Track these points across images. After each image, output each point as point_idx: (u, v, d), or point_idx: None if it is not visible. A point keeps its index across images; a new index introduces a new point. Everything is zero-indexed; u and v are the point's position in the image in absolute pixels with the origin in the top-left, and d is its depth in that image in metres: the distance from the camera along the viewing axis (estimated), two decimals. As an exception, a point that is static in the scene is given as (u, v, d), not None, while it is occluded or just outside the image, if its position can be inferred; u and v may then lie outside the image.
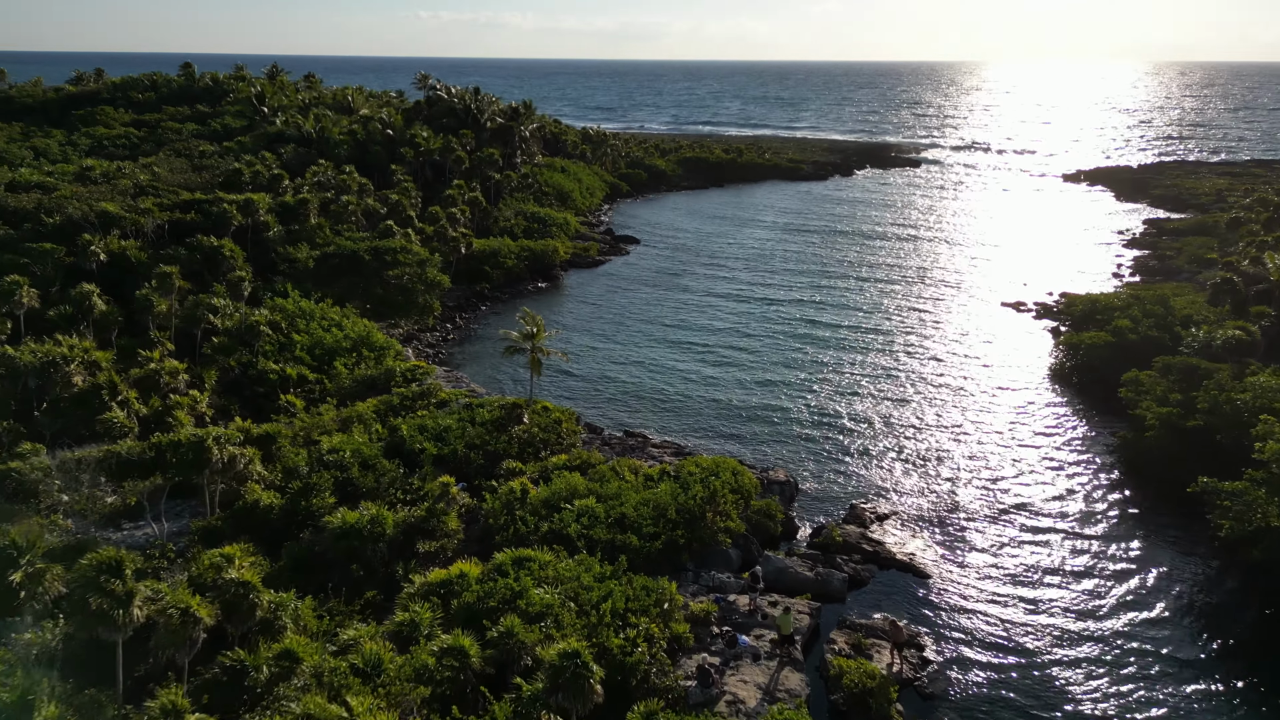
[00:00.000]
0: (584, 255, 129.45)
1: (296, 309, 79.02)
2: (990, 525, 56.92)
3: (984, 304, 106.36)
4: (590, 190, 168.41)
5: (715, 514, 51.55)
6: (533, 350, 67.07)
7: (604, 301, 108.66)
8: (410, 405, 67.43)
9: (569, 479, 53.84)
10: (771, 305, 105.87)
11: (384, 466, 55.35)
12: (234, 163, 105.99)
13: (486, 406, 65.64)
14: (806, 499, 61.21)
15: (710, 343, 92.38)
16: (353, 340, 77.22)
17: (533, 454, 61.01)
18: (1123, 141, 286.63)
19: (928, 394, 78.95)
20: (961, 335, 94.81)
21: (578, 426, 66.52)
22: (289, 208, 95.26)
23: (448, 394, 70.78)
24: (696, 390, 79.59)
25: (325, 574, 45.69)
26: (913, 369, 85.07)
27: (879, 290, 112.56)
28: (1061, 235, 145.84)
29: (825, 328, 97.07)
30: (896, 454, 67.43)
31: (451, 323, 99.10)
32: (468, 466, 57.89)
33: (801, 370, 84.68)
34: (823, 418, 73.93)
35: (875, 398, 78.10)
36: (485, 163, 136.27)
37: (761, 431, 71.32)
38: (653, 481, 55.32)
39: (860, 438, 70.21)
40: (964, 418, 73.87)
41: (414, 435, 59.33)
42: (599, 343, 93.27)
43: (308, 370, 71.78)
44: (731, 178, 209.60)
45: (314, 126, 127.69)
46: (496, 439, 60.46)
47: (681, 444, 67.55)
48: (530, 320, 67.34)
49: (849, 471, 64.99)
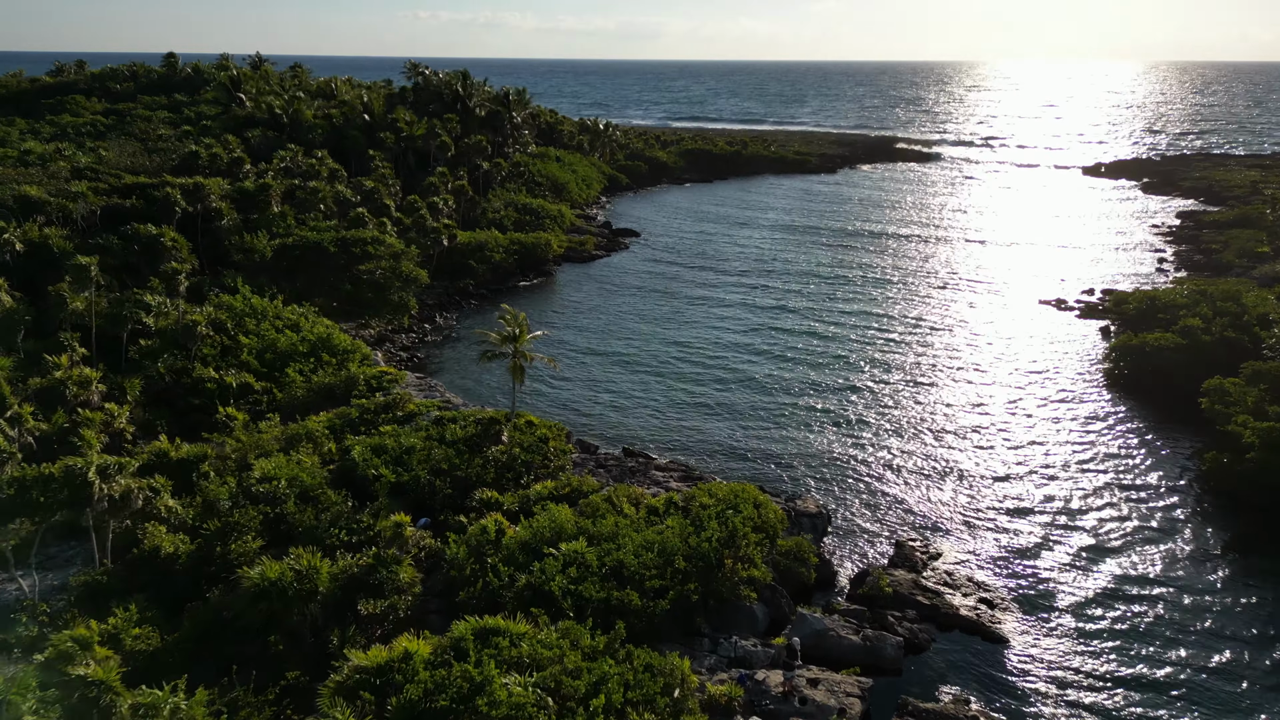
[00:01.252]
0: (579, 249, 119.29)
1: (246, 307, 68.81)
2: (1069, 571, 46.70)
3: (1021, 303, 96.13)
4: (587, 182, 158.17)
5: (736, 560, 41.37)
6: (514, 355, 56.90)
7: (600, 300, 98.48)
8: (372, 419, 57.31)
9: (555, 514, 43.66)
10: (785, 307, 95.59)
11: (328, 499, 45.17)
12: (191, 146, 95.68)
13: (460, 421, 55.47)
14: (841, 533, 51.05)
15: (718, 347, 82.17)
16: (310, 343, 67.02)
17: (513, 480, 50.82)
18: (1139, 136, 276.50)
19: (971, 404, 68.76)
20: (1002, 337, 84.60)
21: (568, 445, 56.35)
22: (248, 194, 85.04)
23: (417, 405, 60.61)
24: (705, 401, 69.40)
25: (238, 646, 35.56)
26: (951, 375, 74.88)
27: (904, 290, 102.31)
28: (1092, 229, 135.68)
29: (848, 331, 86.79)
30: (942, 476, 57.26)
31: (430, 322, 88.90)
32: (432, 497, 47.70)
33: (824, 378, 74.47)
34: (852, 433, 63.76)
35: (911, 409, 67.90)
36: (473, 150, 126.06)
37: (781, 450, 61.13)
38: (657, 517, 45.16)
39: (898, 457, 60.03)
40: (1015, 432, 63.69)
41: (368, 458, 49.13)
42: (594, 346, 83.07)
43: (253, 378, 61.56)
44: (736, 170, 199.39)
45: (285, 109, 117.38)
46: (469, 462, 50.24)
47: (690, 465, 57.37)
48: (512, 320, 57.17)
49: (888, 498, 54.81)
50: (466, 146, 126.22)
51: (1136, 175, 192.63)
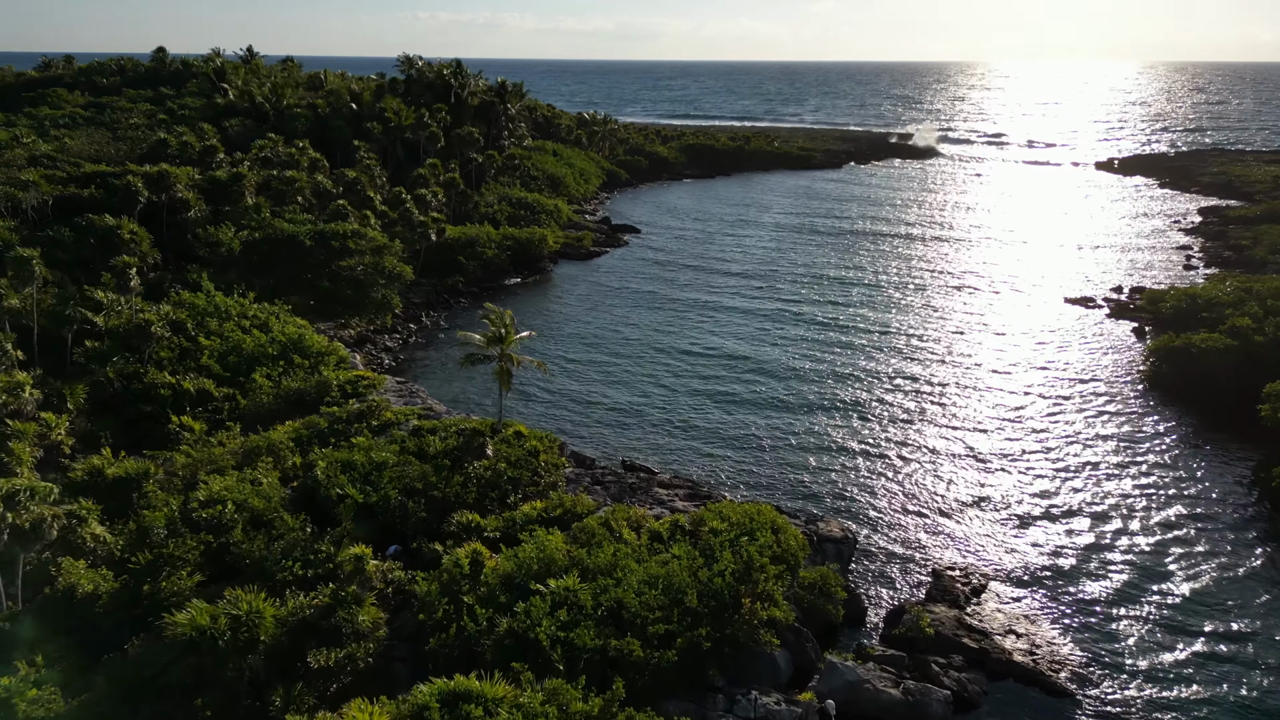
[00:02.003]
0: (577, 246, 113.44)
1: (209, 305, 62.99)
2: (1131, 605, 40.89)
3: (1045, 302, 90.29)
4: (585, 176, 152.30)
5: (754, 598, 35.55)
6: (500, 358, 51.07)
7: (598, 300, 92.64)
8: (343, 429, 51.51)
9: (544, 543, 37.84)
10: (794, 309, 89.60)
11: (284, 524, 39.33)
12: (160, 134, 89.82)
13: (440, 432, 49.66)
14: (867, 560, 45.25)
15: (723, 352, 76.31)
16: (280, 344, 61.17)
17: (497, 500, 45.00)
18: (1148, 132, 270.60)
19: (1001, 412, 62.96)
20: (1029, 339, 78.80)
21: (560, 458, 50.52)
22: (220, 185, 79.17)
23: (395, 414, 54.79)
24: (710, 410, 63.58)
25: (162, 706, 29.79)
26: (977, 381, 69.09)
27: (919, 290, 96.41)
28: (1111, 226, 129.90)
29: (862, 334, 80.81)
30: (975, 493, 51.46)
31: (416, 323, 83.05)
32: (404, 521, 41.87)
33: (838, 385, 68.68)
34: (872, 445, 57.93)
35: (935, 418, 62.10)
36: (465, 142, 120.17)
37: (795, 464, 55.32)
38: (662, 544, 39.37)
39: (924, 471, 54.23)
40: (1052, 444, 57.89)
41: (333, 476, 43.29)
42: (591, 349, 77.27)
43: (213, 384, 55.72)
44: (738, 166, 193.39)
45: (267, 98, 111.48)
46: (448, 480, 44.39)
47: (696, 481, 51.53)
48: (497, 319, 51.34)
49: (916, 518, 49.02)
50: (458, 138, 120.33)
51: (1151, 171, 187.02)
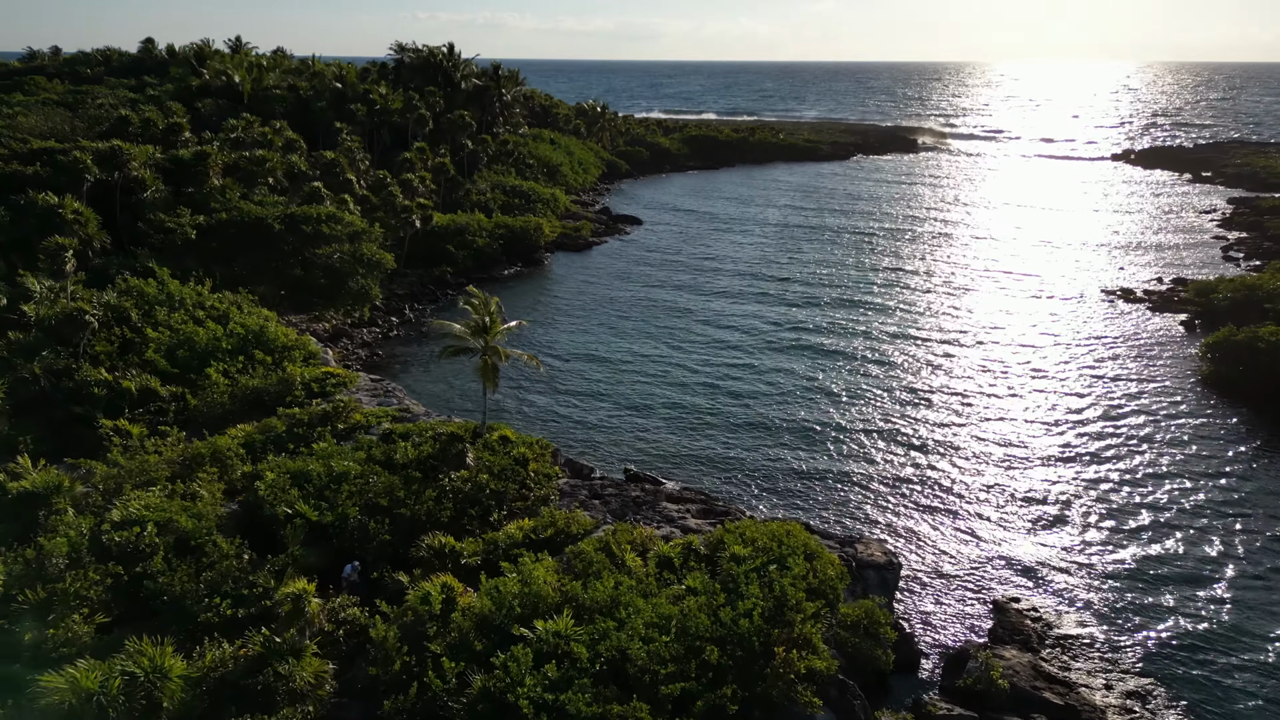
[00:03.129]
0: (575, 236, 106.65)
1: (160, 294, 56.11)
2: (1243, 650, 34.06)
3: (1081, 296, 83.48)
4: (584, 166, 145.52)
5: (789, 645, 28.75)
6: (485, 350, 44.20)
7: (597, 292, 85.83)
8: (303, 434, 44.75)
9: (531, 573, 31.03)
10: (809, 303, 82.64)
11: (216, 550, 32.49)
12: (122, 110, 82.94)
13: (414, 437, 42.87)
14: (914, 588, 38.47)
15: (735, 348, 69.50)
16: (238, 337, 54.32)
17: (478, 517, 38.15)
18: (1160, 127, 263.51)
19: (1049, 415, 56.13)
20: (1070, 335, 72.03)
21: (553, 468, 43.71)
22: (183, 165, 72.24)
23: (365, 415, 48.05)
24: (722, 412, 56.74)
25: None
26: (1018, 380, 62.29)
27: (945, 285, 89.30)
28: (1138, 218, 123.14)
29: (888, 334, 73.40)
30: (1034, 507, 44.67)
31: (398, 315, 76.24)
32: (364, 545, 35.01)
33: (864, 388, 61.90)
34: (904, 453, 51.12)
35: (977, 423, 55.30)
36: (456, 127, 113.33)
37: (821, 473, 48.54)
38: (673, 574, 32.59)
39: (967, 481, 47.44)
40: (1112, 450, 51.08)
41: (280, 491, 36.43)
42: (589, 344, 70.50)
43: (158, 381, 48.86)
44: (742, 158, 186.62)
45: (244, 78, 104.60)
46: (419, 495, 37.53)
47: (710, 495, 44.73)
48: (481, 305, 44.50)
49: (967, 537, 42.23)
50: (449, 123, 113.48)
51: (1171, 163, 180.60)
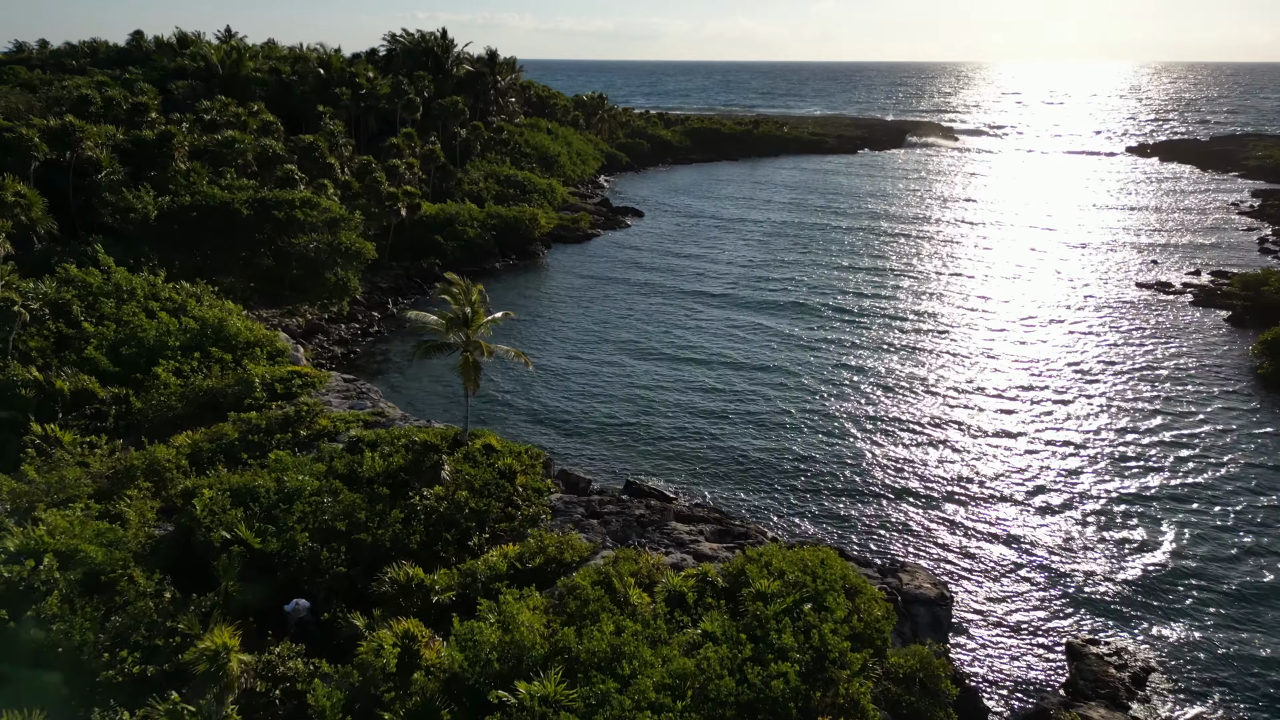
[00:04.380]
0: (572, 228, 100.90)
1: (106, 284, 50.33)
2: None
3: (1115, 291, 77.84)
4: (583, 157, 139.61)
5: (834, 714, 23.00)
6: (465, 346, 38.38)
7: (595, 286, 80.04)
8: (259, 442, 39.09)
9: (514, 615, 25.29)
10: (825, 303, 76.28)
11: (132, 588, 26.75)
12: (84, 89, 77.14)
13: (384, 446, 37.14)
14: (970, 626, 32.74)
15: (745, 347, 63.65)
16: (193, 333, 48.53)
17: (455, 542, 32.40)
18: (1172, 122, 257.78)
19: (1098, 422, 50.39)
20: (1109, 332, 66.35)
21: (545, 481, 37.91)
22: (146, 146, 66.55)
23: (332, 420, 42.35)
24: (733, 419, 50.98)
25: None
26: (1061, 383, 56.55)
27: (973, 282, 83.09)
28: (1164, 211, 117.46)
29: (912, 334, 67.24)
30: (1099, 530, 38.98)
31: (380, 310, 70.46)
32: (316, 577, 29.24)
33: (891, 390, 56.16)
34: (945, 464, 45.41)
35: (1022, 432, 49.57)
36: (448, 113, 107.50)
37: (848, 484, 42.81)
38: (687, 615, 26.87)
39: (1023, 499, 41.72)
40: (1176, 463, 45.41)
41: (219, 512, 30.67)
42: (587, 343, 64.73)
43: (97, 382, 43.10)
44: (746, 151, 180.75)
45: (223, 61, 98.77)
46: (384, 516, 31.77)
47: (725, 513, 38.99)
48: (461, 293, 38.69)
49: (1027, 565, 36.52)
50: (440, 109, 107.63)
51: (1189, 157, 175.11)
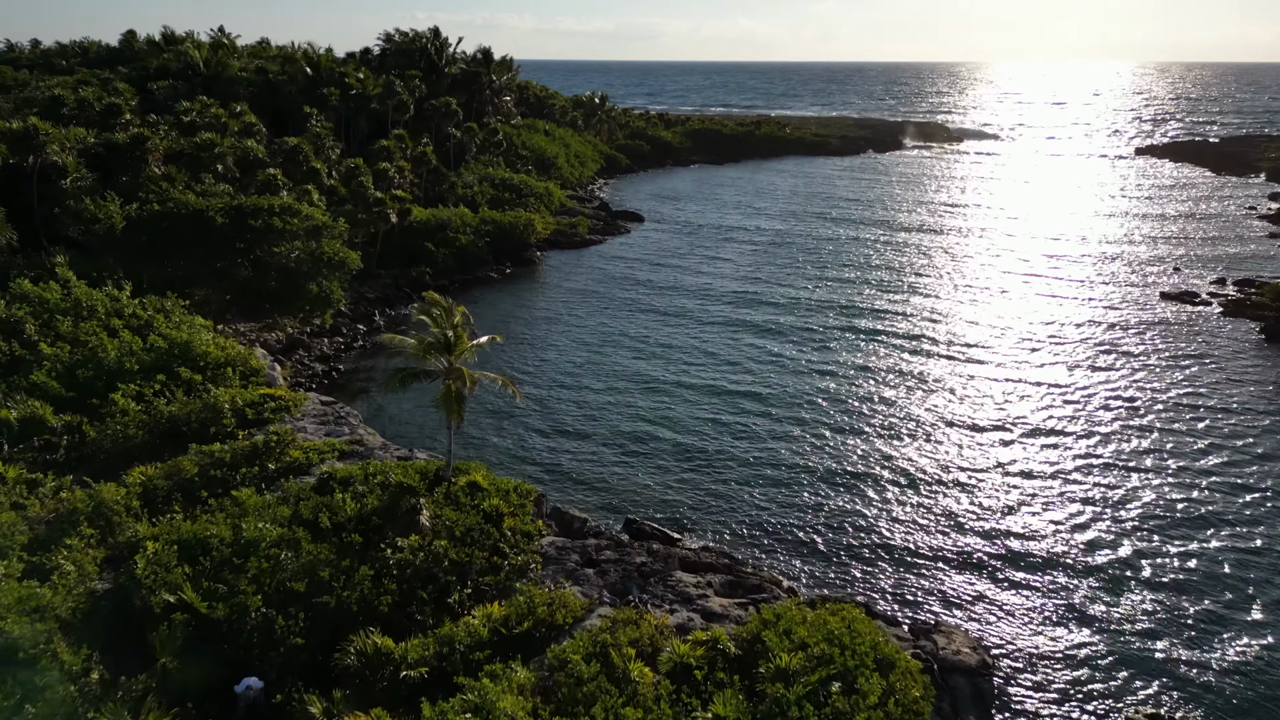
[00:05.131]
0: (570, 233, 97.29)
1: (65, 300, 46.65)
2: None
3: (1139, 302, 74.17)
4: (581, 159, 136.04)
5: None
6: (447, 375, 34.67)
7: (594, 297, 76.32)
8: (222, 477, 35.52)
9: (492, 706, 21.63)
10: (835, 315, 72.46)
11: (56, 666, 23.05)
12: (56, 90, 73.52)
13: (358, 484, 33.51)
14: (1014, 696, 29.00)
15: (751, 369, 59.88)
16: (159, 353, 44.85)
17: (433, 600, 28.71)
18: (1176, 122, 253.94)
19: (1142, 450, 46.71)
20: (1136, 345, 62.67)
21: (535, 523, 34.26)
22: (118, 149, 62.90)
23: (306, 450, 38.79)
24: (742, 445, 47.30)
25: None
26: (1094, 407, 52.83)
27: (988, 293, 79.42)
28: (1180, 215, 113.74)
29: (927, 345, 63.54)
30: (1149, 574, 35.29)
31: (366, 322, 66.84)
32: (269, 650, 25.54)
33: (910, 413, 52.46)
34: (977, 496, 41.71)
35: (1054, 459, 45.88)
36: (441, 114, 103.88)
37: (866, 523, 39.11)
38: (696, 696, 23.22)
39: (1060, 531, 38.03)
40: (1235, 498, 41.69)
41: (162, 570, 27.01)
42: (581, 358, 61.00)
43: (49, 409, 39.41)
44: (748, 153, 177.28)
45: (205, 59, 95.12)
46: (351, 572, 28.09)
47: (733, 555, 35.31)
48: (443, 315, 34.97)
49: (1069, 613, 32.81)
50: (433, 109, 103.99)
51: (1199, 158, 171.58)
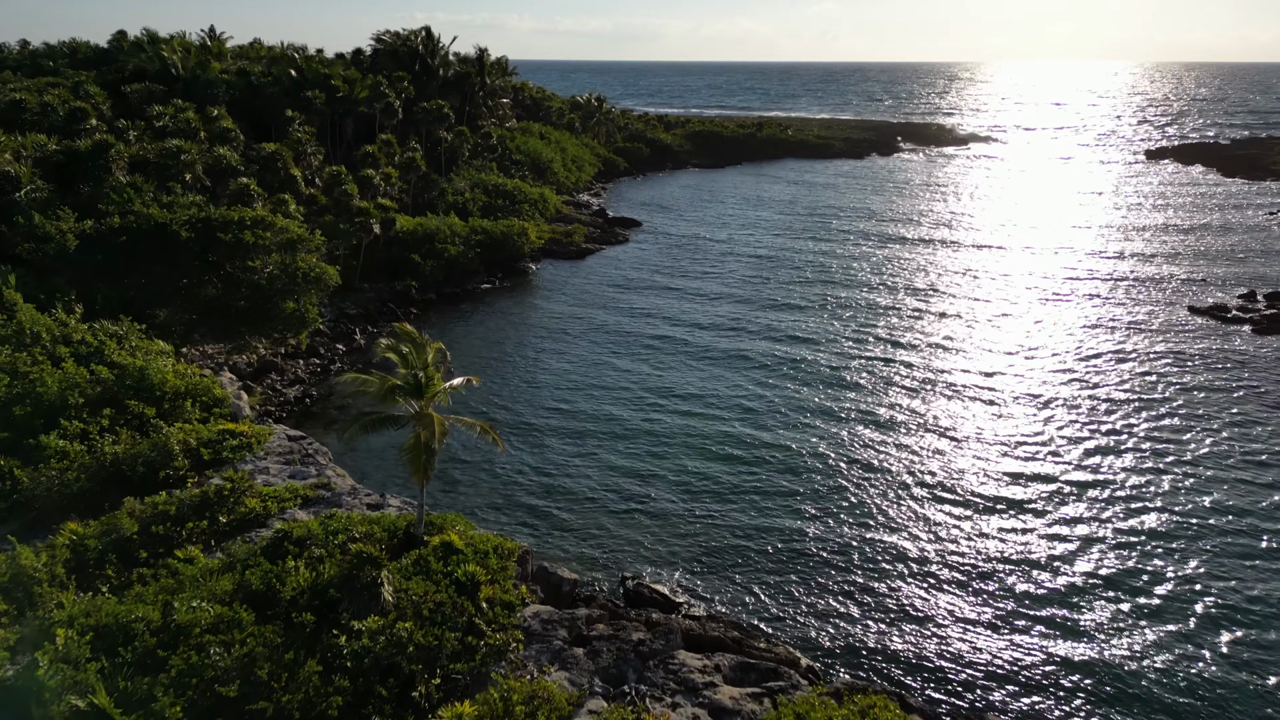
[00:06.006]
0: (565, 243, 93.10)
1: (5, 326, 42.35)
2: None
3: (1167, 318, 69.97)
4: (578, 163, 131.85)
5: None
6: (417, 421, 30.33)
7: (588, 312, 72.08)
8: (165, 534, 31.42)
9: None
10: (841, 341, 68.40)
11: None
12: (14, 94, 69.23)
13: (313, 547, 29.29)
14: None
15: (757, 402, 55.49)
16: (107, 384, 40.61)
17: (394, 696, 24.47)
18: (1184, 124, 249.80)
19: (1193, 497, 42.51)
20: (1168, 367, 58.45)
21: (518, 590, 30.01)
22: (79, 158, 58.72)
23: (264, 498, 34.61)
24: (750, 490, 43.06)
25: None
26: (1137, 445, 48.64)
27: (1003, 310, 75.60)
28: (1198, 221, 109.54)
29: (951, 374, 59.20)
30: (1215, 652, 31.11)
31: (347, 341, 62.64)
32: (191, 772, 21.35)
33: (932, 458, 48.27)
34: (1008, 556, 37.51)
35: (1100, 507, 41.66)
36: (431, 117, 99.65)
37: (891, 581, 34.91)
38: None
39: (1116, 594, 33.84)
40: None
41: (68, 670, 22.76)
42: (573, 386, 56.69)
43: (-26, 452, 35.22)
44: (749, 155, 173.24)
45: (184, 61, 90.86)
46: (294, 667, 23.86)
47: (746, 629, 31.09)
48: (413, 351, 30.62)
49: (1132, 688, 28.65)
50: (423, 113, 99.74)
51: (1211, 160, 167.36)
